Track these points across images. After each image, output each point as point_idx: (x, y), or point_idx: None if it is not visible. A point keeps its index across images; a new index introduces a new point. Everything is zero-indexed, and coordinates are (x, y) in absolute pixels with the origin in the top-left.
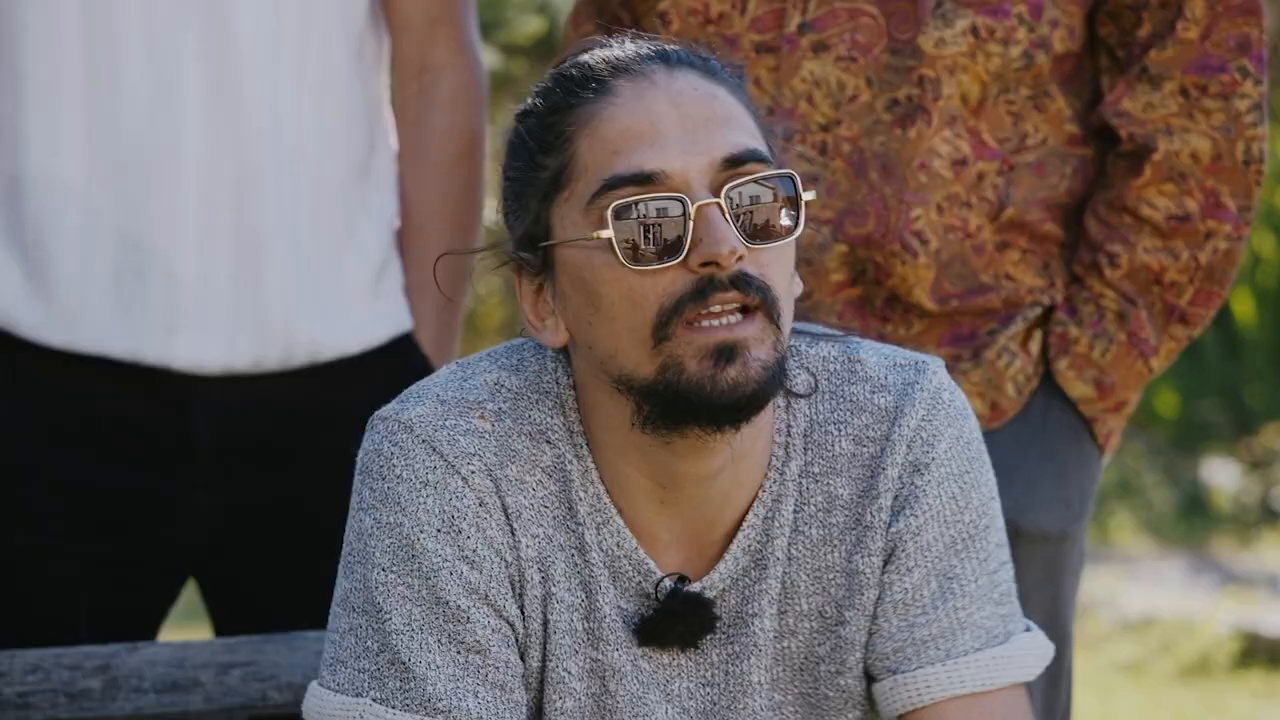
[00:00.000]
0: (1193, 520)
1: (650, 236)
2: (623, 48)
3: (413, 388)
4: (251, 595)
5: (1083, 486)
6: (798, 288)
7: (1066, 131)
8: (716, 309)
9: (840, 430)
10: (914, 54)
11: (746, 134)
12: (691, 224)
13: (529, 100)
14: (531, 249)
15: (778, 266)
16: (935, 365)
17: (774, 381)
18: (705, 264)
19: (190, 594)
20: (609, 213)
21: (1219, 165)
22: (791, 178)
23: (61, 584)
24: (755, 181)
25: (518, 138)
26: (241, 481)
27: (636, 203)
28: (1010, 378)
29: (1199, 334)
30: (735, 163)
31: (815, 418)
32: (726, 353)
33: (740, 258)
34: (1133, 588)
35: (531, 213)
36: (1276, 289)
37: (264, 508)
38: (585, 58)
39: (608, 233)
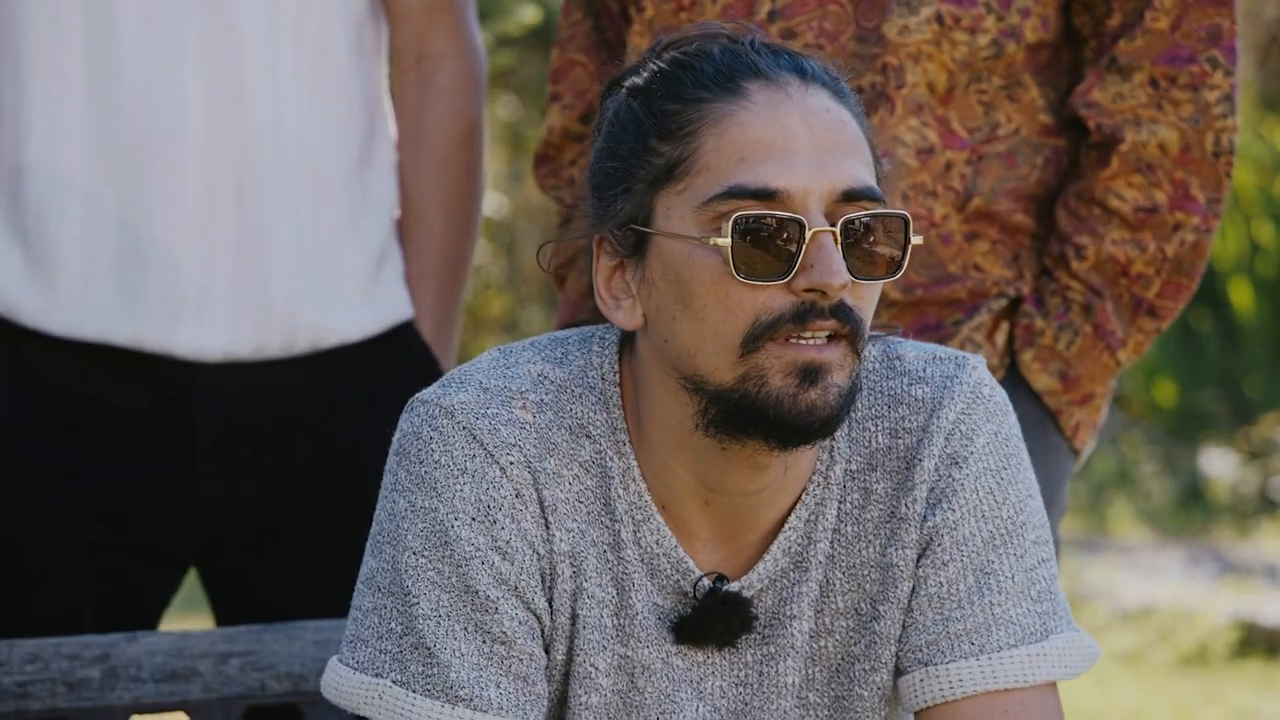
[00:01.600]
0: (1191, 510)
1: (762, 252)
2: (757, 48)
3: (454, 372)
4: (252, 584)
5: (1050, 479)
6: None
7: (1040, 122)
8: (808, 336)
9: (877, 425)
10: (878, 41)
11: (866, 167)
12: (805, 248)
13: (642, 77)
14: (623, 228)
15: (870, 300)
16: (976, 361)
17: (846, 409)
18: (810, 289)
19: (191, 583)
20: (729, 223)
21: (1188, 157)
22: (905, 220)
23: (64, 573)
24: (873, 217)
25: (630, 114)
26: (243, 469)
27: (759, 218)
28: None
29: (1167, 326)
30: (854, 196)
31: (854, 416)
32: (812, 374)
33: (843, 289)
34: (1131, 578)
35: (635, 195)
36: (1275, 278)
37: (265, 496)
38: (713, 49)
39: (725, 241)
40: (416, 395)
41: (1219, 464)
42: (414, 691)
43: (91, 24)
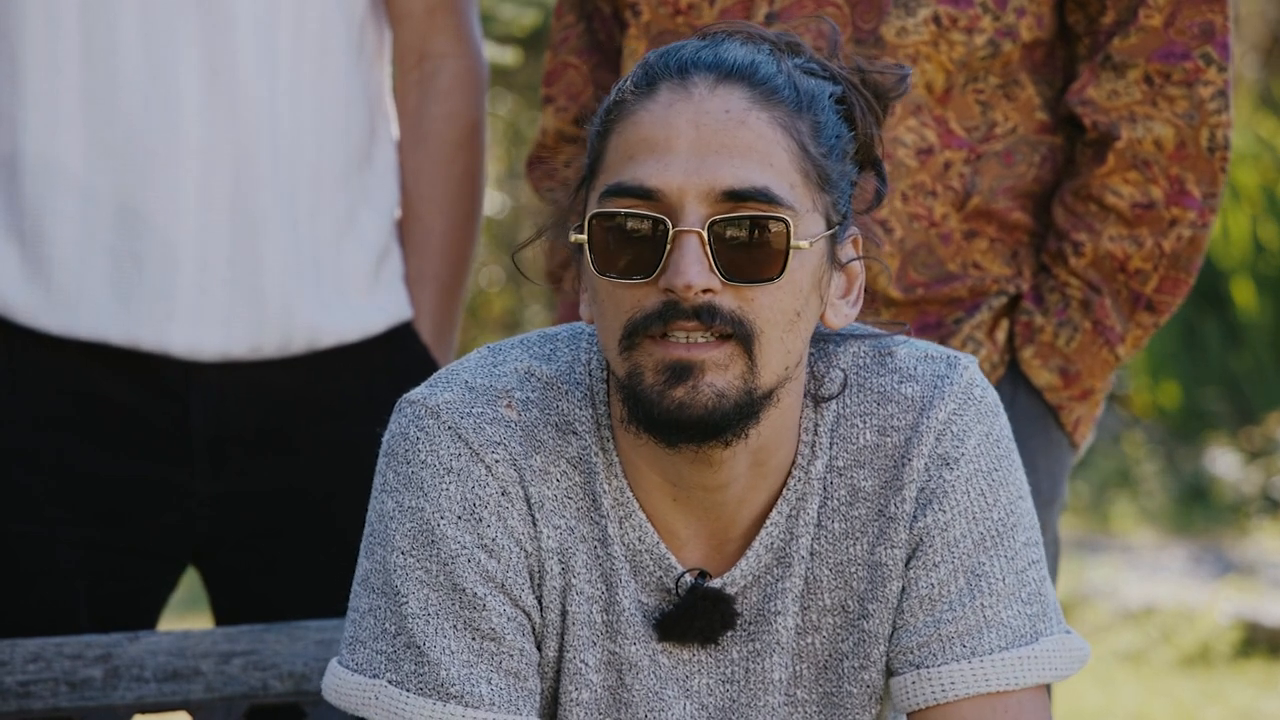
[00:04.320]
0: (1193, 510)
1: (632, 250)
2: (687, 48)
3: (441, 371)
4: (251, 583)
5: (1051, 474)
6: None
7: (1037, 120)
8: (680, 334)
9: (865, 422)
10: (877, 43)
11: (764, 169)
12: (669, 248)
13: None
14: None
15: (767, 302)
16: (968, 360)
17: (730, 411)
18: (668, 289)
19: (191, 582)
20: (588, 219)
21: (1183, 153)
22: (785, 222)
23: (60, 571)
24: (744, 220)
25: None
26: (239, 469)
27: (618, 215)
28: None
29: (1165, 321)
30: (736, 196)
31: (842, 412)
32: (680, 372)
33: (709, 291)
34: (1133, 577)
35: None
36: (1278, 278)
37: (262, 495)
38: (664, 49)
39: (582, 237)
40: (404, 396)
41: (1222, 463)
42: (407, 690)
43: (88, 21)
